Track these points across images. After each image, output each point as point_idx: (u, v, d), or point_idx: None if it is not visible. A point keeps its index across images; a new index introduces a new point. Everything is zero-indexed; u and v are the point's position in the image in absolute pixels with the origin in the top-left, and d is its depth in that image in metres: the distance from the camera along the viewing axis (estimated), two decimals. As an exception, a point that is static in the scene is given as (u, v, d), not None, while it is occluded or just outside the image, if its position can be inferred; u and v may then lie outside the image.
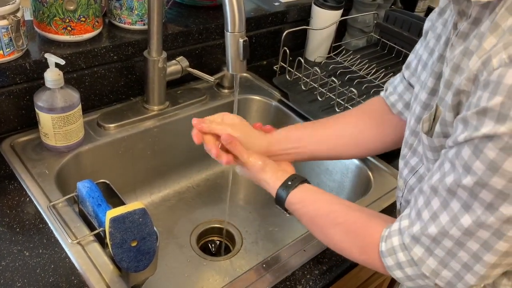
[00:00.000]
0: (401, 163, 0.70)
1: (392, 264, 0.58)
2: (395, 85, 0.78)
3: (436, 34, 0.65)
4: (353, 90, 1.04)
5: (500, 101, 0.43)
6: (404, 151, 0.70)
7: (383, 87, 1.13)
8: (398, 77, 0.79)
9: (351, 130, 0.80)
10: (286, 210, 0.71)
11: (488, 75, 0.45)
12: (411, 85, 0.75)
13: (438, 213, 0.52)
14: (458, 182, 0.49)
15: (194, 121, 0.77)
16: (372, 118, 0.80)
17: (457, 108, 0.52)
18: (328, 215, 0.66)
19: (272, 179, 0.71)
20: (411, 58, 0.75)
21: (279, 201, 0.70)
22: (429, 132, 0.58)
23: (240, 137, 0.74)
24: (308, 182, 0.71)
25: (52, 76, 0.81)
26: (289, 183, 0.70)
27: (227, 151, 0.75)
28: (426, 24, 0.70)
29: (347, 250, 0.65)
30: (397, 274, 0.58)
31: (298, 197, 0.69)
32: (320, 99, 1.11)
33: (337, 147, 0.80)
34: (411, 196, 0.60)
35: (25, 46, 0.86)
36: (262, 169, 0.72)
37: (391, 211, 0.86)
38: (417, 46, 0.74)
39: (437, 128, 0.56)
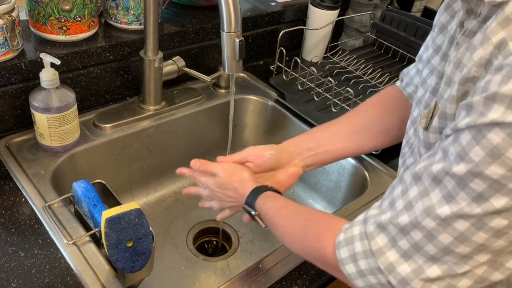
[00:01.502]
0: (400, 161, 0.70)
1: (346, 256, 0.54)
2: (411, 76, 0.79)
3: (444, 30, 0.65)
4: (350, 90, 1.03)
5: None
6: (404, 149, 0.70)
7: (379, 87, 1.13)
8: (414, 68, 0.79)
9: (376, 120, 0.81)
10: (253, 207, 0.72)
11: (503, 58, 0.42)
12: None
13: (413, 202, 0.49)
14: (447, 170, 0.46)
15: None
16: (392, 106, 0.81)
17: (462, 99, 0.49)
18: (293, 208, 0.67)
19: (249, 182, 0.74)
20: (422, 51, 0.75)
21: (256, 193, 0.72)
22: (426, 128, 0.57)
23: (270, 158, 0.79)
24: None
25: (48, 76, 0.81)
26: (269, 186, 0.73)
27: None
28: (436, 17, 0.69)
29: (303, 237, 0.62)
30: (349, 269, 0.54)
31: (267, 195, 0.71)
32: (316, 99, 1.11)
33: (364, 140, 0.82)
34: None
35: (20, 46, 0.86)
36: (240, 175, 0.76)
37: (387, 211, 0.86)
38: (428, 38, 0.73)
39: (435, 122, 0.54)
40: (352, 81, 1.16)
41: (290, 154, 0.81)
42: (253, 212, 0.71)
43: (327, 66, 1.23)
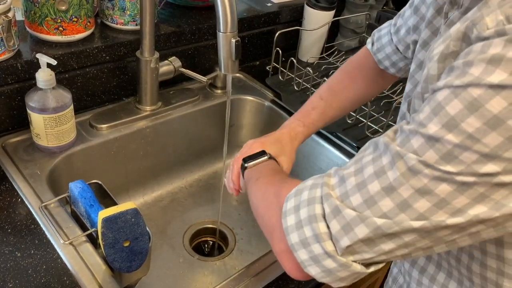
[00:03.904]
0: None
1: (291, 207, 0.50)
2: (383, 43, 0.82)
3: (424, 17, 0.66)
4: (345, 90, 1.04)
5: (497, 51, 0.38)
6: None
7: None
8: (386, 35, 0.81)
9: (354, 98, 0.87)
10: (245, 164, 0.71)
11: (479, 32, 0.40)
12: (398, 50, 0.79)
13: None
14: (417, 128, 0.42)
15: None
16: (367, 79, 0.86)
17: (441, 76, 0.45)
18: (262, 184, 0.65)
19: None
20: (400, 23, 0.77)
21: (256, 155, 0.72)
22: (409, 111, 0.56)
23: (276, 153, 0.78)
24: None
25: (44, 77, 0.81)
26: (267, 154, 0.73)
27: None
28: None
29: (257, 209, 0.59)
30: (289, 220, 0.50)
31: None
32: (311, 96, 1.11)
33: (348, 111, 0.91)
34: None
35: (16, 46, 0.86)
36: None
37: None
38: (407, 12, 0.75)
39: (418, 105, 0.53)
40: (348, 81, 1.16)
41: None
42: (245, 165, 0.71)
43: (323, 67, 1.23)
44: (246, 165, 0.71)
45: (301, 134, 0.83)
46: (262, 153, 0.72)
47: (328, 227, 0.46)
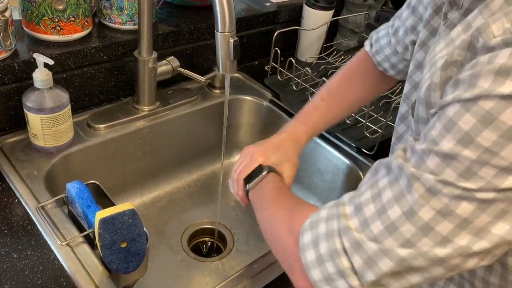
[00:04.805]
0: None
1: (309, 241, 0.49)
2: (381, 45, 0.81)
3: (422, 18, 0.65)
4: (344, 90, 1.04)
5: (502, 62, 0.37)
6: (396, 146, 0.70)
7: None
8: (384, 37, 0.81)
9: (353, 100, 0.86)
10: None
11: (485, 41, 0.40)
12: (397, 51, 0.78)
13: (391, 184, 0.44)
14: (431, 147, 0.41)
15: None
16: (366, 81, 0.86)
17: (445, 85, 0.46)
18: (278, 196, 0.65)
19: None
20: (397, 24, 0.76)
21: (255, 173, 0.70)
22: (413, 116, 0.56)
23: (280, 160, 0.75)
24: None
25: (41, 76, 0.80)
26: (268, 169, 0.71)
27: None
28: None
29: (277, 228, 0.57)
30: (308, 256, 0.48)
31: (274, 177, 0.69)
32: (311, 99, 1.11)
33: (349, 113, 0.89)
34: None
35: (13, 46, 0.85)
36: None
37: (382, 211, 0.86)
38: (405, 13, 0.74)
39: (422, 112, 0.51)
40: (347, 81, 1.16)
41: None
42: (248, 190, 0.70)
43: (322, 67, 1.23)
44: (248, 187, 0.70)
45: (304, 137, 0.80)
46: (261, 168, 0.70)
47: (350, 261, 0.45)
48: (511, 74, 0.37)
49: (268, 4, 1.25)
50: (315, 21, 1.22)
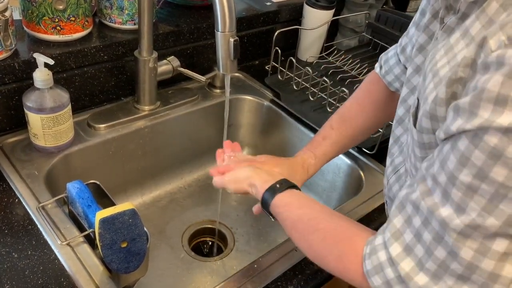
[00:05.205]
0: (388, 160, 0.70)
1: (380, 284, 0.52)
2: (390, 65, 0.80)
3: (423, 23, 0.65)
4: (345, 90, 1.03)
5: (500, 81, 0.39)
6: (393, 148, 0.70)
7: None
8: (393, 57, 0.79)
9: (364, 125, 0.85)
10: (271, 214, 0.69)
11: (485, 57, 0.42)
12: (406, 69, 0.76)
13: (429, 218, 0.48)
14: (452, 179, 0.44)
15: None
16: (377, 106, 0.84)
17: (450, 101, 0.47)
18: (309, 221, 0.63)
19: (260, 182, 0.70)
20: (405, 41, 0.75)
21: (265, 204, 0.68)
22: (416, 126, 0.56)
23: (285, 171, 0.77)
24: (297, 188, 0.69)
25: (41, 76, 0.80)
26: (277, 186, 0.68)
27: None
28: (421, 6, 0.69)
29: (323, 258, 0.61)
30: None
31: (284, 201, 0.67)
32: (311, 99, 1.11)
33: (360, 139, 0.88)
34: (393, 204, 0.55)
35: (13, 46, 0.85)
36: (251, 175, 0.71)
37: (383, 210, 0.86)
38: (411, 30, 0.73)
39: (426, 123, 0.52)
40: (347, 81, 1.16)
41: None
42: (272, 219, 0.70)
43: (322, 66, 1.23)
44: (271, 202, 0.67)
45: (312, 167, 0.82)
46: (282, 181, 0.69)
47: None
48: (508, 104, 0.39)
49: (268, 3, 1.25)
50: (316, 20, 1.22)
